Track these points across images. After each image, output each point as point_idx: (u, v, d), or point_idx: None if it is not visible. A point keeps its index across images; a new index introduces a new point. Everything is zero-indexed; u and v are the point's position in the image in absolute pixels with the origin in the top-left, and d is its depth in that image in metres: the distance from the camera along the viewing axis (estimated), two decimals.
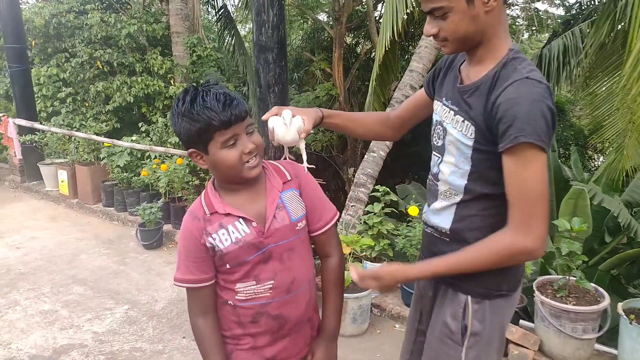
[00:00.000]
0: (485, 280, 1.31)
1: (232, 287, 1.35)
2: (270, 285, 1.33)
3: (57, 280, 4.06)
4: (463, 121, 1.30)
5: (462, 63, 1.39)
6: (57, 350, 3.06)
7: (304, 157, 1.52)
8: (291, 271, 1.36)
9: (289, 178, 1.39)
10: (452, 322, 1.37)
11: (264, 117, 1.47)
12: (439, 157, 1.41)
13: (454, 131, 1.32)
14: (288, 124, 1.40)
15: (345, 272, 3.13)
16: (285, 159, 1.48)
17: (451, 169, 1.35)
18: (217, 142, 1.24)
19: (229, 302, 1.36)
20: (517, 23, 10.89)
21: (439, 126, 1.40)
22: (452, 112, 1.34)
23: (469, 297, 1.34)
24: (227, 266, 1.32)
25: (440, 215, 1.40)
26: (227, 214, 1.31)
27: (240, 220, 1.31)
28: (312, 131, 1.49)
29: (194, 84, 1.26)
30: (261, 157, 1.32)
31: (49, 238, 5.11)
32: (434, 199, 1.43)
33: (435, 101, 1.45)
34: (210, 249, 1.32)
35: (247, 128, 1.27)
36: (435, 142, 1.43)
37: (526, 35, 12.72)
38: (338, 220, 1.48)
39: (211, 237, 1.31)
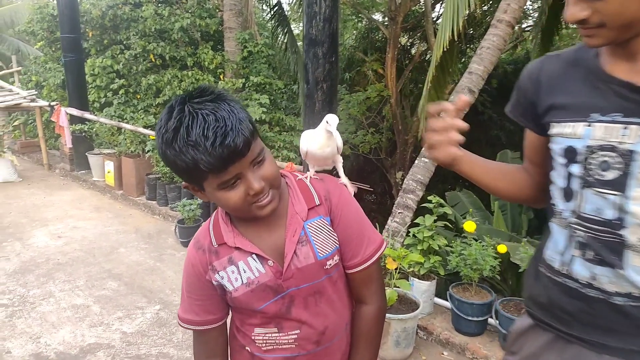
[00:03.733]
0: None
1: (249, 333, 1.10)
2: (295, 336, 1.07)
3: (93, 274, 3.99)
4: None
5: (593, 62, 1.02)
6: (84, 349, 2.95)
7: (341, 173, 1.23)
8: (320, 319, 1.07)
9: (317, 202, 1.06)
10: None
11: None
12: (618, 195, 0.98)
13: None
14: (333, 131, 1.11)
15: (389, 290, 2.83)
16: (306, 178, 1.14)
17: None
18: (212, 183, 0.93)
19: (247, 348, 1.12)
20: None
21: (604, 152, 0.99)
22: (636, 127, 0.95)
23: None
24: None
25: None
26: (238, 248, 1.03)
27: (254, 256, 1.02)
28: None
29: (183, 96, 0.92)
30: (276, 188, 1.00)
31: (90, 229, 5.09)
32: (615, 255, 1.00)
33: (569, 124, 1.03)
34: (219, 287, 1.06)
35: (255, 159, 0.93)
36: (598, 177, 1.00)
37: None
38: (382, 250, 1.14)
39: (218, 274, 1.04)
